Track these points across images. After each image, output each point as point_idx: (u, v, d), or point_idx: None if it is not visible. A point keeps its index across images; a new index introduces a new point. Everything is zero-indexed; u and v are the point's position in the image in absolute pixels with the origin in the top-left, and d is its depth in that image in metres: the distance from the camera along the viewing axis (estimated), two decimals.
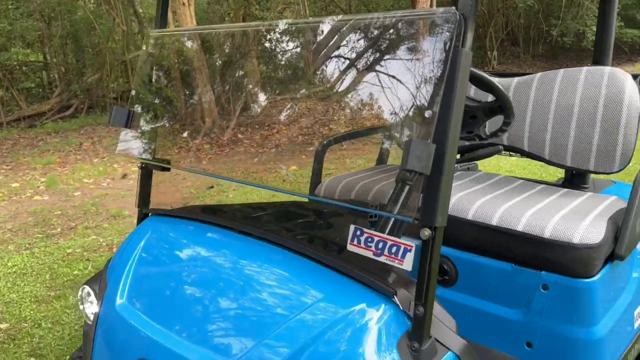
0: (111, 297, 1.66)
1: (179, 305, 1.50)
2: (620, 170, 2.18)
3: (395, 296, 1.26)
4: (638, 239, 1.93)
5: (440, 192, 1.14)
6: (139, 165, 1.98)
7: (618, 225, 1.86)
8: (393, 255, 1.24)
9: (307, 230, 1.80)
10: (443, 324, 1.29)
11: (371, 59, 1.43)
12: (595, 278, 1.75)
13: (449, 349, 1.25)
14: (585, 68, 2.29)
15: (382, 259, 1.27)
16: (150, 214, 1.97)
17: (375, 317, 1.25)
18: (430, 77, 1.19)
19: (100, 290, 1.74)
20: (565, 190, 2.22)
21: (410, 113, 1.24)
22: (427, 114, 1.12)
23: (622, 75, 2.17)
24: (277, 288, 1.43)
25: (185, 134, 2.14)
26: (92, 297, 1.76)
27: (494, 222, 1.86)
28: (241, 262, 1.55)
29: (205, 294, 1.49)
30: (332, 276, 1.38)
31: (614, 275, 1.89)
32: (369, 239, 1.29)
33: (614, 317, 1.87)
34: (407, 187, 1.16)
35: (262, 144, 2.23)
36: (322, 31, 1.52)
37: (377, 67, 1.41)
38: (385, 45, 1.40)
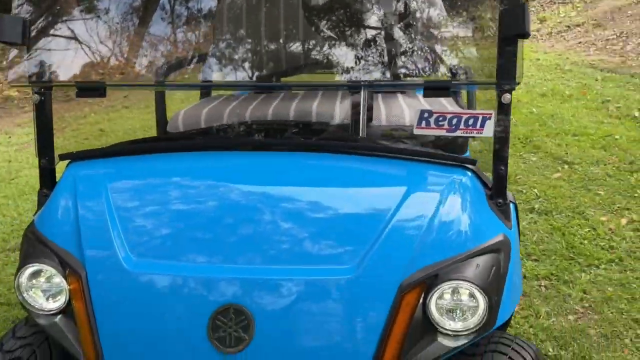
0: (108, 261, 1.24)
1: (224, 238, 1.27)
2: None
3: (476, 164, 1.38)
4: None
5: (521, 55, 1.29)
6: (35, 99, 1.43)
7: None
8: (470, 127, 1.35)
9: (318, 134, 1.67)
10: None
11: None
12: None
13: (511, 201, 1.46)
14: None
15: (457, 133, 1.36)
16: (66, 163, 1.48)
17: (465, 188, 1.34)
18: None
19: (67, 263, 1.25)
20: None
21: None
22: None
23: None
24: (343, 193, 1.36)
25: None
26: (54, 276, 1.26)
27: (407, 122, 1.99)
28: (276, 178, 1.39)
29: (253, 218, 1.29)
30: (390, 164, 1.39)
31: None
32: (440, 118, 1.36)
33: None
34: (509, 54, 1.26)
35: None
36: None
37: None
38: None
